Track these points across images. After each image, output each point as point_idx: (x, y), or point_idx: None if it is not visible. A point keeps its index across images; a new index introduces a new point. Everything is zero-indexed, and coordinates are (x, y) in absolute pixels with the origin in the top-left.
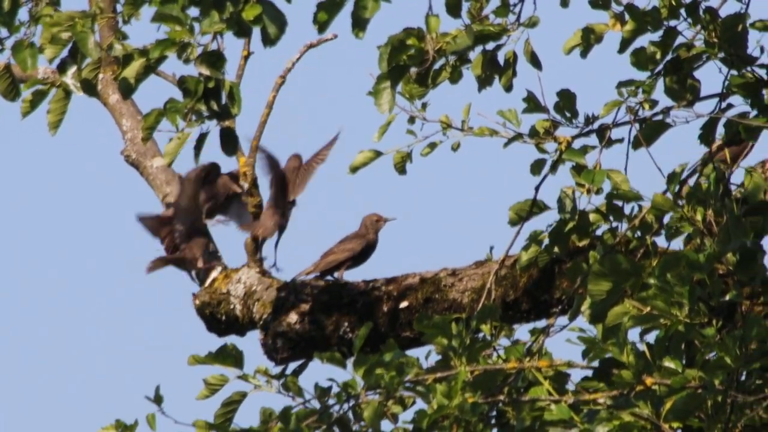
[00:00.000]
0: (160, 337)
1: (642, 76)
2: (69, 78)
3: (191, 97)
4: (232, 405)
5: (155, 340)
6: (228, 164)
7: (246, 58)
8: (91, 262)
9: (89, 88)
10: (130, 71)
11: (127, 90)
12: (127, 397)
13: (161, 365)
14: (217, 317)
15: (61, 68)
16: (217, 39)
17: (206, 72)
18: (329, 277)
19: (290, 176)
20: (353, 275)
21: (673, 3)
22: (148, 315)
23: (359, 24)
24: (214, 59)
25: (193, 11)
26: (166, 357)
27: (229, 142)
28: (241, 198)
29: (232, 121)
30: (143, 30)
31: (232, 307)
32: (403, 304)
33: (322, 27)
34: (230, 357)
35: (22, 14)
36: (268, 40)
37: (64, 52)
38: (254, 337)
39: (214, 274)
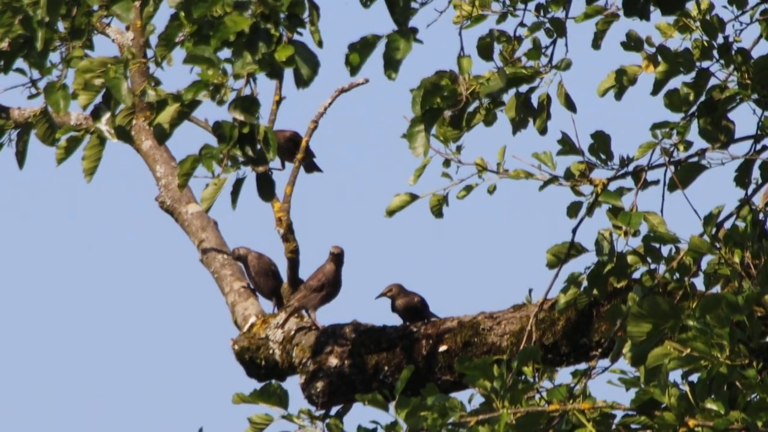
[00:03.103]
0: (202, 383)
1: (676, 117)
2: (103, 125)
3: (226, 143)
4: None
5: (198, 384)
6: (262, 208)
7: (278, 102)
8: (129, 308)
9: (123, 134)
10: (165, 117)
11: (161, 136)
12: None
13: (203, 410)
14: (256, 362)
15: (95, 115)
16: (251, 83)
17: (240, 117)
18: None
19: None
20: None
21: (705, 44)
22: (190, 360)
23: (391, 65)
24: (248, 104)
25: (226, 53)
26: (207, 402)
27: (266, 187)
28: None
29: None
30: (175, 76)
31: (271, 351)
32: (442, 348)
33: (354, 69)
34: (275, 396)
35: (54, 56)
36: (301, 82)
37: (98, 99)
38: (294, 381)
39: (252, 319)
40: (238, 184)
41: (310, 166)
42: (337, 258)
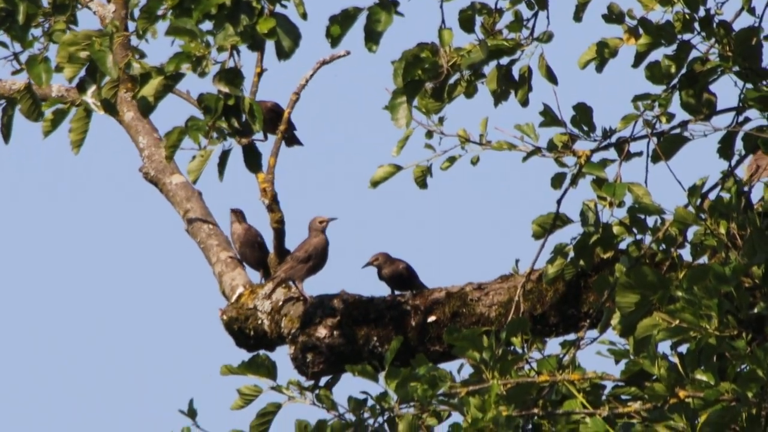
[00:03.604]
0: (190, 352)
1: (657, 89)
2: (89, 97)
3: (212, 115)
4: (267, 416)
5: (186, 354)
6: (246, 179)
7: (260, 74)
8: (115, 278)
9: (109, 107)
10: (149, 89)
11: (146, 108)
12: (160, 411)
13: (192, 379)
14: (245, 332)
15: (81, 87)
16: (234, 56)
17: (225, 89)
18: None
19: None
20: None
21: (687, 17)
22: (177, 330)
23: (372, 37)
24: (233, 76)
25: (208, 25)
26: (196, 371)
27: (252, 158)
28: None
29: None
30: (158, 49)
31: (260, 322)
32: (431, 318)
33: (335, 41)
34: (263, 367)
35: (37, 31)
36: (283, 54)
37: (82, 72)
38: (283, 352)
39: (239, 290)
40: (225, 155)
41: (291, 139)
42: (323, 229)
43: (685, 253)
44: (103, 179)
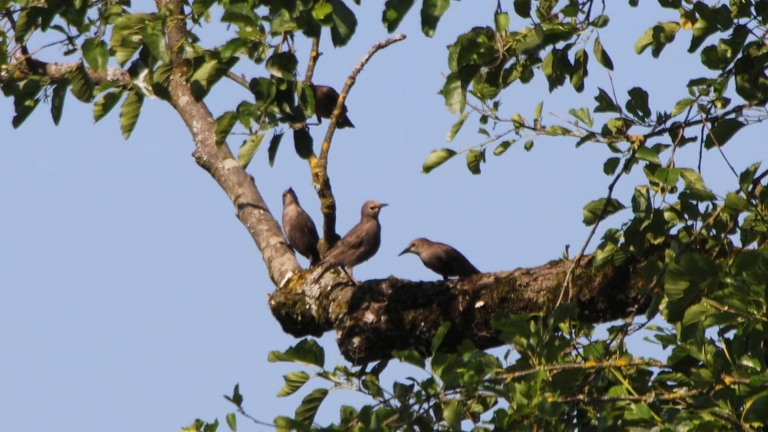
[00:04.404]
0: (238, 338)
1: (713, 74)
2: (140, 81)
3: (264, 100)
4: (313, 402)
5: (233, 340)
6: (299, 164)
7: (315, 58)
8: (165, 263)
9: (161, 91)
10: (202, 73)
11: (199, 92)
12: (205, 397)
13: (238, 365)
14: (292, 317)
15: (133, 71)
16: (288, 40)
17: (278, 74)
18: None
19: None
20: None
21: (743, 1)
22: (225, 315)
23: (429, 22)
24: (286, 61)
25: (263, 10)
26: (243, 357)
27: (304, 143)
28: None
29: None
30: (212, 33)
31: (307, 307)
32: (479, 304)
33: (391, 25)
34: (310, 353)
35: (92, 13)
36: (339, 40)
37: (135, 55)
38: (330, 337)
39: (288, 275)
40: (276, 140)
41: (343, 122)
42: (375, 215)
43: (736, 239)
44: (154, 164)
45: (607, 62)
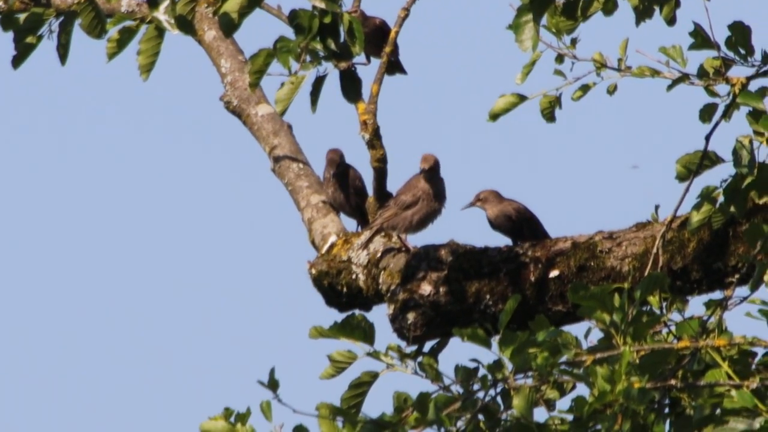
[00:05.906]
0: (272, 313)
1: None
2: (161, 13)
3: (305, 35)
4: (361, 387)
5: (269, 316)
6: (344, 110)
7: None
8: (189, 223)
9: (185, 24)
10: (232, 5)
11: (229, 27)
12: (236, 382)
13: (275, 345)
14: (336, 289)
15: (152, 2)
16: None
17: (321, 5)
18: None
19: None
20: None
21: None
22: (260, 286)
23: None
24: None
25: None
26: (279, 335)
27: (351, 86)
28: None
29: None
30: None
31: (354, 277)
32: (554, 273)
33: None
34: (358, 330)
35: None
36: None
37: None
38: (381, 312)
39: (332, 239)
40: (319, 82)
41: (393, 65)
42: (431, 170)
43: None
44: (176, 110)
45: None
